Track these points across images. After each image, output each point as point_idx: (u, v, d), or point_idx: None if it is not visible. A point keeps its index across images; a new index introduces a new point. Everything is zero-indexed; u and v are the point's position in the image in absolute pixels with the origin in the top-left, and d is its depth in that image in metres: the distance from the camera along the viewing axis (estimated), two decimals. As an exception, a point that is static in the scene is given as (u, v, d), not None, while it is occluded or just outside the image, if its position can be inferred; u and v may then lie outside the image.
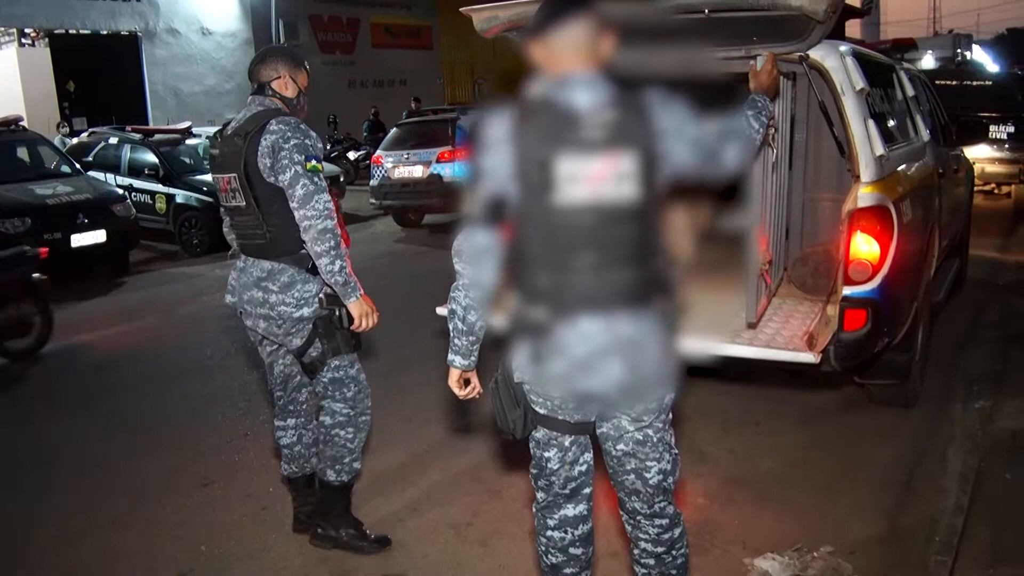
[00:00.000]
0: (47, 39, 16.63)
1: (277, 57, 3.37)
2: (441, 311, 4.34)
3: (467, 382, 2.54)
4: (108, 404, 5.54)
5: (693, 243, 4.42)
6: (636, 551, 2.60)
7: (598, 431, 2.50)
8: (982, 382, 5.19)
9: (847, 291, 3.81)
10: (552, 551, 2.59)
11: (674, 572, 2.58)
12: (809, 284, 4.58)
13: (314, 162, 3.15)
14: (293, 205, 3.13)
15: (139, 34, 17.28)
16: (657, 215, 2.29)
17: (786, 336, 3.88)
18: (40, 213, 9.05)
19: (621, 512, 2.61)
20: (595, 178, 2.18)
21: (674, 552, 2.56)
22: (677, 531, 2.56)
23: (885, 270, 3.82)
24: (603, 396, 2.35)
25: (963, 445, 4.36)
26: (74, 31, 16.57)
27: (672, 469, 2.50)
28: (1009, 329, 6.27)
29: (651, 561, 2.57)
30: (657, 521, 2.53)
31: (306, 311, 3.28)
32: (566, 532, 2.57)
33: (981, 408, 4.79)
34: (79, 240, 9.25)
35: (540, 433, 2.50)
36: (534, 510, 2.64)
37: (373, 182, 12.66)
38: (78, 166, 10.68)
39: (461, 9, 4.05)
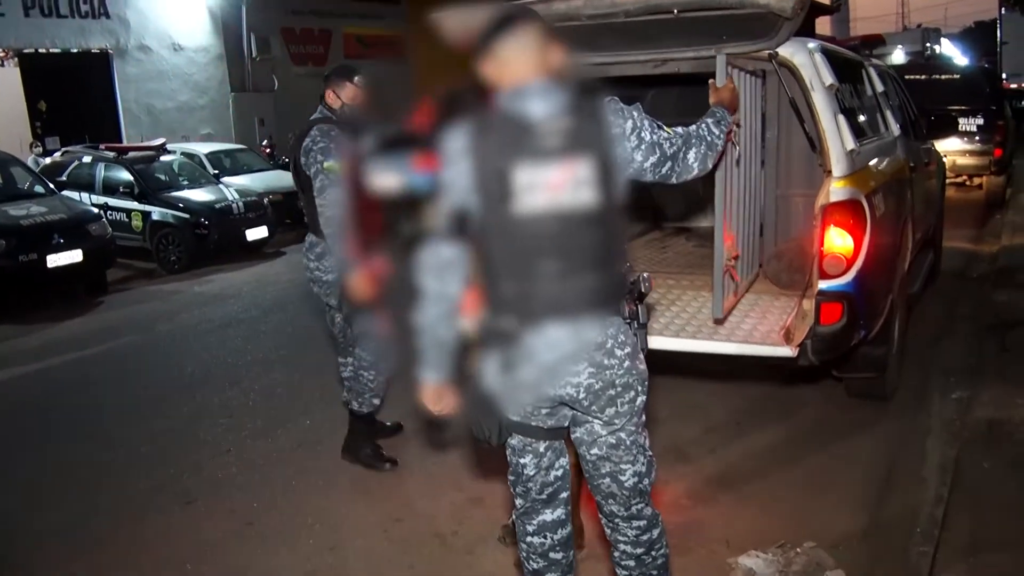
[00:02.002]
0: (16, 59, 16.50)
1: (331, 75, 4.23)
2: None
3: (440, 396, 2.52)
4: (88, 423, 5.48)
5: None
6: (616, 553, 2.62)
7: (572, 436, 2.52)
8: (958, 373, 5.23)
9: (822, 285, 3.85)
10: (533, 556, 2.63)
11: (654, 573, 2.60)
12: (784, 279, 4.61)
13: (331, 163, 3.88)
14: (314, 194, 3.99)
15: (110, 51, 17.15)
16: (617, 220, 2.33)
17: (763, 331, 3.91)
18: (14, 234, 8.95)
19: (600, 516, 2.62)
20: (553, 186, 2.22)
21: (653, 553, 2.58)
22: (656, 532, 2.58)
23: (859, 263, 3.85)
24: (573, 402, 2.38)
25: (941, 436, 4.40)
26: (44, 50, 16.44)
27: (647, 471, 2.51)
28: (983, 320, 6.33)
29: (631, 563, 2.59)
30: (635, 523, 2.55)
31: (332, 276, 4.10)
32: (545, 537, 2.60)
33: (958, 399, 4.83)
34: (55, 260, 9.16)
35: (515, 440, 2.53)
36: (513, 517, 2.68)
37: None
38: (52, 186, 10.57)
39: (431, 16, 4.04)
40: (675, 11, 3.62)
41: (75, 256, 9.33)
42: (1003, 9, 23.57)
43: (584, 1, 3.66)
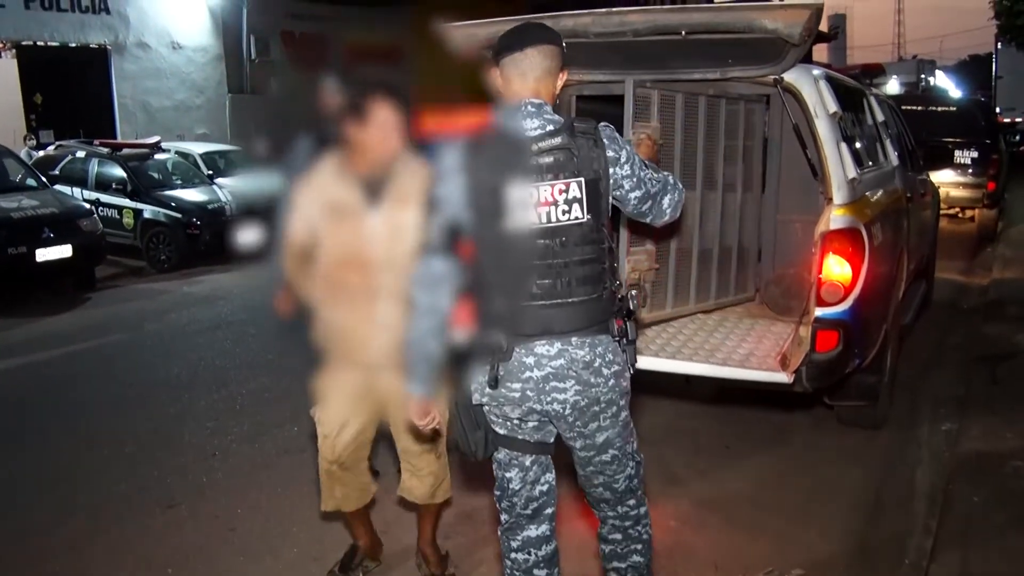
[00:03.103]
0: (14, 51, 16.43)
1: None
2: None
3: (427, 410, 2.51)
4: (71, 422, 5.42)
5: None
6: (604, 529, 2.68)
7: (566, 441, 2.55)
8: (948, 404, 5.24)
9: (819, 312, 3.84)
10: (516, 573, 2.63)
11: (639, 546, 2.66)
12: (781, 305, 4.62)
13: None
14: None
15: (108, 47, 17.09)
16: (606, 238, 2.40)
17: (759, 356, 3.90)
18: (4, 227, 8.87)
19: (588, 499, 2.69)
20: (545, 203, 2.29)
21: (639, 527, 2.66)
22: (642, 509, 2.66)
23: (857, 292, 3.85)
24: (558, 417, 2.43)
25: (930, 467, 4.40)
26: (42, 43, 16.38)
27: (636, 472, 2.59)
28: (973, 352, 6.34)
29: (618, 536, 2.66)
30: (623, 506, 2.63)
31: None
32: (529, 553, 2.60)
33: (948, 430, 4.83)
34: (44, 255, 9.08)
35: (502, 454, 2.56)
36: (499, 532, 2.68)
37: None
38: (44, 180, 10.50)
39: (441, 26, 4.04)
40: (683, 32, 3.62)
41: (65, 251, 9.25)
42: (999, 44, 23.77)
43: (593, 18, 3.67)
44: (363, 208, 2.84)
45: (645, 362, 3.87)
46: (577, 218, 2.31)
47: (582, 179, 2.31)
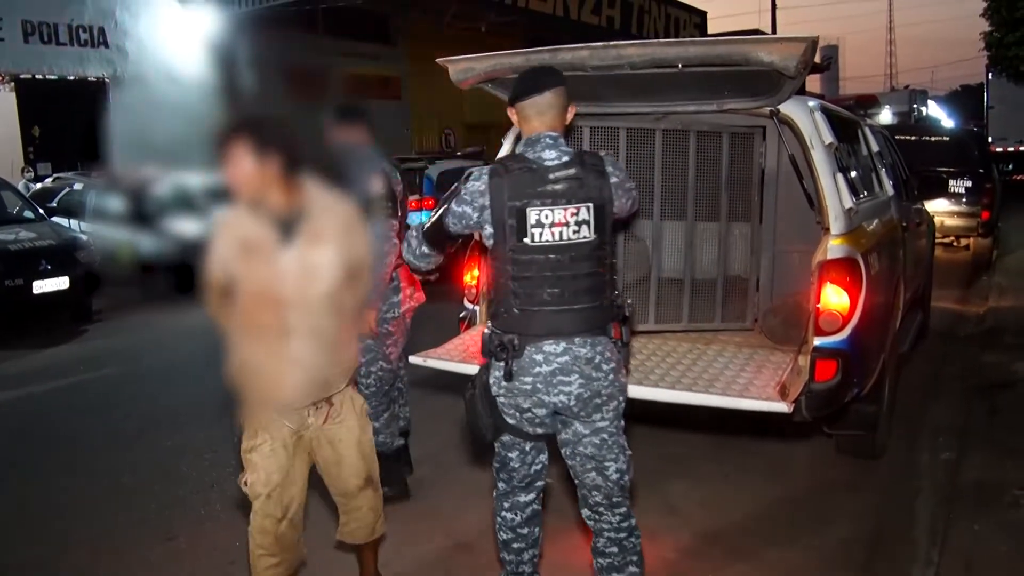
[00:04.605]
0: (13, 83, 16.53)
1: None
2: (415, 360, 4.31)
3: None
4: (69, 454, 5.41)
5: None
6: (600, 542, 2.96)
7: (559, 437, 2.89)
8: (947, 434, 5.24)
9: (817, 342, 3.85)
10: (504, 528, 3.06)
11: (635, 558, 2.94)
12: (780, 334, 4.63)
13: None
14: None
15: (107, 80, 17.23)
16: (609, 254, 2.79)
17: (759, 386, 3.90)
18: (2, 259, 8.87)
19: (583, 510, 2.97)
20: (559, 223, 2.67)
21: (633, 539, 2.94)
22: (633, 521, 2.94)
23: (855, 321, 3.86)
24: (564, 408, 2.77)
25: (931, 497, 4.40)
26: (41, 76, 16.49)
27: (627, 468, 2.88)
28: (971, 381, 6.35)
29: (615, 549, 2.92)
30: (617, 512, 2.90)
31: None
32: (516, 514, 3.03)
33: (947, 460, 4.83)
34: (41, 286, 9.08)
35: (507, 437, 2.92)
36: (494, 495, 3.07)
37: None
38: (42, 211, 10.53)
39: (438, 60, 4.08)
40: (679, 65, 3.66)
41: (62, 283, 9.24)
42: (990, 74, 23.95)
43: (590, 52, 3.70)
44: (275, 246, 2.77)
45: (645, 392, 3.88)
46: (585, 237, 2.70)
47: (591, 204, 2.69)
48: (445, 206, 2.83)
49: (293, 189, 2.75)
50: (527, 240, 2.67)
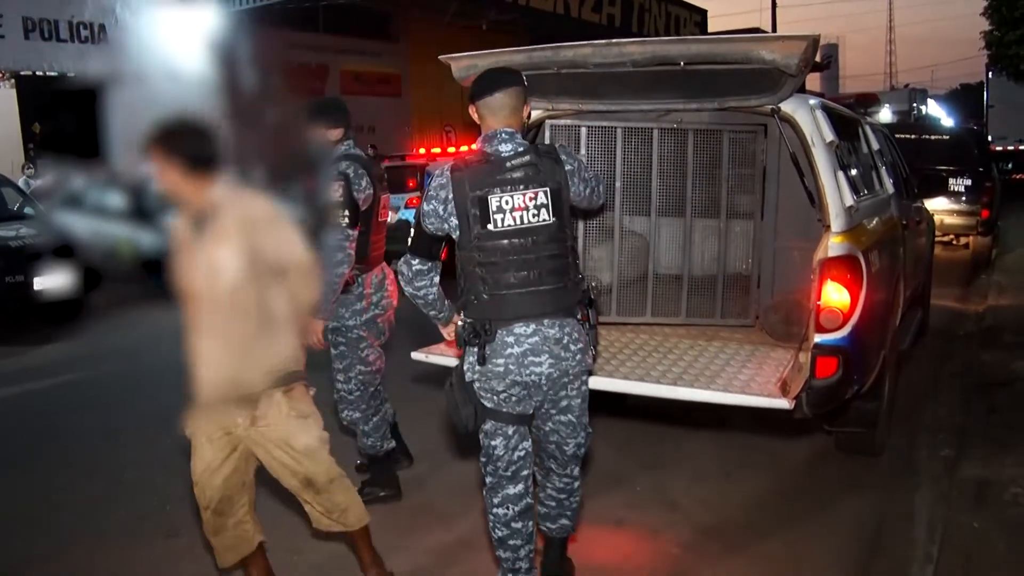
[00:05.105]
0: (13, 80, 16.53)
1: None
2: (417, 356, 4.32)
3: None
4: (69, 449, 5.41)
5: None
6: (543, 494, 3.26)
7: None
8: (946, 431, 5.25)
9: (818, 338, 3.86)
10: (498, 526, 3.08)
11: (569, 513, 3.26)
12: (781, 331, 4.64)
13: None
14: None
15: (107, 77, 17.22)
16: (570, 237, 2.94)
17: (760, 383, 3.91)
18: (2, 255, 8.87)
19: (535, 461, 3.16)
20: (519, 208, 2.83)
21: (572, 499, 3.24)
22: (577, 483, 3.23)
23: (855, 318, 3.87)
24: (534, 387, 2.91)
25: (930, 494, 4.40)
26: (41, 73, 16.48)
27: (584, 442, 3.14)
28: (971, 379, 6.36)
29: (552, 503, 3.24)
30: (564, 478, 3.19)
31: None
32: (508, 509, 3.06)
33: (946, 457, 4.84)
34: (41, 283, 9.07)
35: (488, 425, 3.01)
36: (484, 493, 3.12)
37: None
38: (42, 208, 10.54)
39: (441, 57, 4.09)
40: (681, 63, 3.67)
41: (62, 279, 9.25)
42: (990, 73, 23.95)
43: (592, 49, 3.71)
44: (190, 245, 2.92)
45: (647, 388, 3.90)
46: (545, 220, 2.85)
47: (547, 188, 2.86)
48: (419, 211, 2.97)
49: (203, 190, 2.88)
50: (490, 227, 2.82)
